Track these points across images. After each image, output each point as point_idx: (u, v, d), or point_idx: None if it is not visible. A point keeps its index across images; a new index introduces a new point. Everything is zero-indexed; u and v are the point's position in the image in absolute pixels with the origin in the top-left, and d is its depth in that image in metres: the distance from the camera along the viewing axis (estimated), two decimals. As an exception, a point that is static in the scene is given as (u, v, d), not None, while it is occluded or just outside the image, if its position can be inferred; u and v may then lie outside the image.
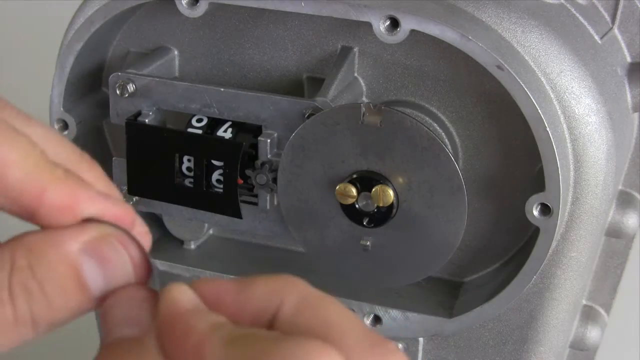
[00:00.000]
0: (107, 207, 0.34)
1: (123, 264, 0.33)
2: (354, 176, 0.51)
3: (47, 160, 0.33)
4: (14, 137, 0.32)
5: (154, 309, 0.32)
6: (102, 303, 0.33)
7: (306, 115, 0.52)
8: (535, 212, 0.51)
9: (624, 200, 0.60)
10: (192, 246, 0.63)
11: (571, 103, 0.51)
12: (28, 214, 0.33)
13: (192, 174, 0.55)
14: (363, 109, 0.50)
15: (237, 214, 0.55)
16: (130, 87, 0.55)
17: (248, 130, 0.55)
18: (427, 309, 0.57)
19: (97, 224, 0.33)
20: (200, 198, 0.56)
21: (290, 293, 0.32)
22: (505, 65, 0.48)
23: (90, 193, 0.33)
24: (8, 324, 0.32)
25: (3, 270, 0.32)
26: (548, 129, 0.49)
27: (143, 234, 0.35)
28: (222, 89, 0.53)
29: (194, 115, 0.56)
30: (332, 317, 0.31)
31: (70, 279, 0.32)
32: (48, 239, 0.33)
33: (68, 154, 0.35)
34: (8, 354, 0.33)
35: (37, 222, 0.33)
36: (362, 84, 0.56)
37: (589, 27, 0.56)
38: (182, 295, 0.32)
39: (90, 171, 0.35)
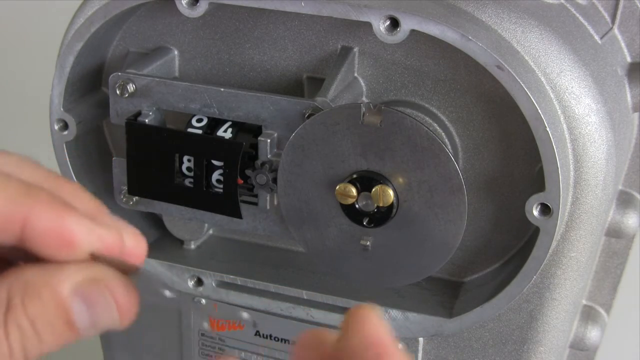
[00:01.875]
0: (93, 229, 0.34)
1: (110, 308, 0.35)
2: (354, 176, 0.51)
3: (27, 185, 0.34)
4: None
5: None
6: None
7: (306, 115, 0.52)
8: (535, 212, 0.51)
9: (624, 200, 0.60)
10: (192, 246, 0.63)
11: (571, 103, 0.51)
12: (16, 241, 0.34)
13: (192, 174, 0.55)
14: (363, 109, 0.50)
15: (237, 214, 0.55)
16: (130, 87, 0.55)
17: (248, 130, 0.55)
18: (427, 309, 0.57)
19: (87, 264, 0.35)
20: (200, 198, 0.56)
21: None
22: (505, 65, 0.48)
23: (77, 215, 0.34)
24: (4, 357, 0.34)
25: (0, 307, 0.34)
26: (548, 129, 0.49)
27: (134, 245, 0.36)
28: (222, 89, 0.53)
29: (194, 115, 0.56)
30: None
31: (60, 319, 0.34)
32: (42, 278, 0.34)
33: (45, 177, 0.36)
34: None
35: (27, 248, 0.34)
36: (362, 84, 0.56)
37: (589, 27, 0.56)
38: (384, 325, 0.35)
39: (72, 191, 0.36)
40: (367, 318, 0.35)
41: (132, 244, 0.36)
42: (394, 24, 0.50)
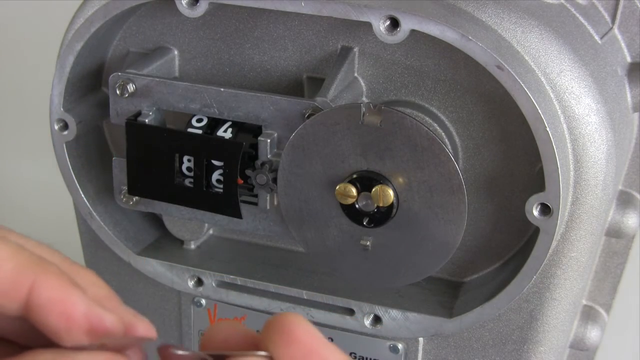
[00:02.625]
0: (94, 310, 0.35)
1: None
2: (354, 176, 0.51)
3: (39, 257, 0.35)
4: (3, 239, 0.35)
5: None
6: None
7: (306, 115, 0.52)
8: (535, 212, 0.51)
9: (624, 200, 0.60)
10: (192, 246, 0.63)
11: (571, 103, 0.51)
12: (21, 310, 0.34)
13: (192, 174, 0.55)
14: (363, 109, 0.50)
15: (237, 214, 0.55)
16: (130, 87, 0.55)
17: (248, 130, 0.55)
18: (427, 309, 0.57)
19: (100, 354, 0.35)
20: (200, 198, 0.56)
21: None
22: (505, 65, 0.48)
23: (81, 293, 0.35)
24: None
25: None
26: (548, 129, 0.49)
27: (143, 333, 0.36)
28: (222, 89, 0.53)
29: (194, 115, 0.56)
30: None
31: None
32: None
33: (61, 261, 0.37)
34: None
35: (30, 318, 0.34)
36: (362, 84, 0.56)
37: (589, 27, 0.56)
38: (315, 330, 0.34)
39: (86, 277, 0.37)
40: (297, 325, 0.34)
41: (141, 332, 0.36)
42: (394, 24, 0.50)
